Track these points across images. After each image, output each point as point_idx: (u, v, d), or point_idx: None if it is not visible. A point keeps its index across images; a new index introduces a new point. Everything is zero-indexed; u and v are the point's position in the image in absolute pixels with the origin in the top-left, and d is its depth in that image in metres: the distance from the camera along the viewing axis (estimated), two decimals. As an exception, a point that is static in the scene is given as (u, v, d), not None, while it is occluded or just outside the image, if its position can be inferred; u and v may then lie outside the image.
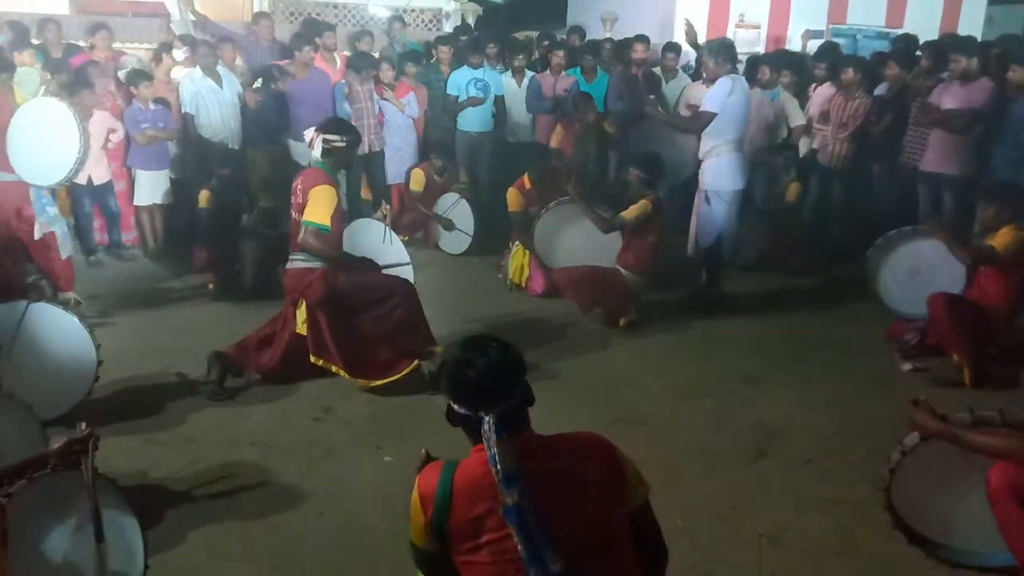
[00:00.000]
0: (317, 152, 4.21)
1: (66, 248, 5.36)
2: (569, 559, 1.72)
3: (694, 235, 5.77)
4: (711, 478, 3.61)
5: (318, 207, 4.07)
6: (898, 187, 6.73)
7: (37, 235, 5.09)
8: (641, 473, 1.93)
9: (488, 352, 1.86)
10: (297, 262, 4.25)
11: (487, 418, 1.78)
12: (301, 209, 4.14)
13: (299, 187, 4.20)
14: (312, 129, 4.26)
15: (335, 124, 4.39)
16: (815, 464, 3.75)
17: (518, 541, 1.72)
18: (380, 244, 4.85)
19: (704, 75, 6.26)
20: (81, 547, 2.33)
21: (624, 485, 1.86)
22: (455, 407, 1.86)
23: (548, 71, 7.66)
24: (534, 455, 1.80)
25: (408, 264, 4.97)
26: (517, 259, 6.13)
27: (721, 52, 5.55)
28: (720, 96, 5.40)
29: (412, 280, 4.83)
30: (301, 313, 4.33)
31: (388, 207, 5.11)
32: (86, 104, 5.93)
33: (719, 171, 5.58)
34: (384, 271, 4.51)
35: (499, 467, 1.73)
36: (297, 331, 4.35)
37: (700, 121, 5.53)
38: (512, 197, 6.42)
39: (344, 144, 4.23)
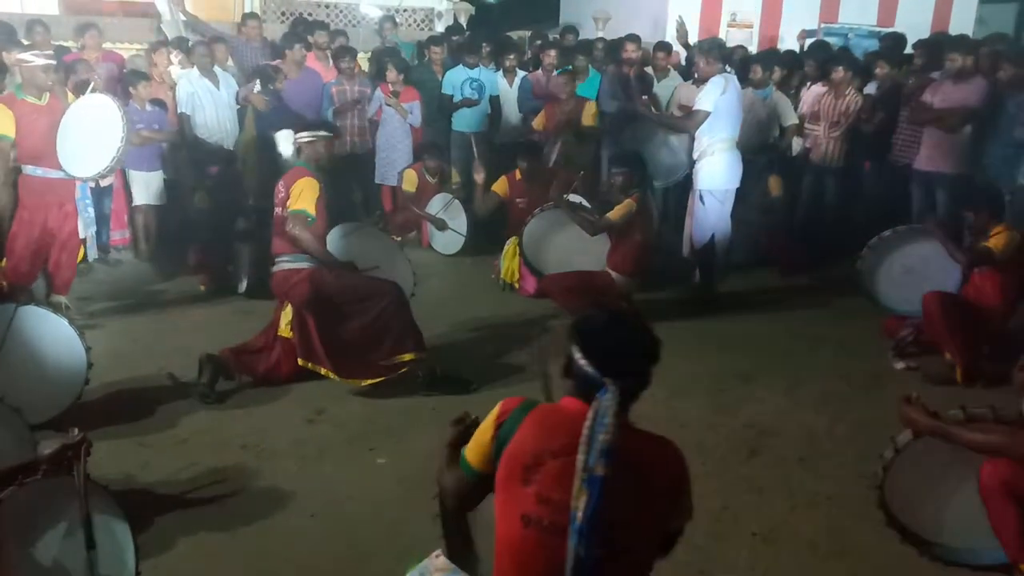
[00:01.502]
0: (290, 149, 4.39)
1: (92, 251, 5.38)
2: (604, 549, 1.70)
3: (689, 235, 5.77)
4: (704, 476, 3.60)
5: (303, 196, 4.14)
6: (890, 185, 6.74)
7: (83, 233, 5.27)
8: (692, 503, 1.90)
9: (639, 326, 1.87)
10: (283, 263, 4.24)
11: (612, 387, 1.74)
12: (284, 204, 4.20)
13: (281, 186, 4.28)
14: (288, 132, 4.36)
15: (308, 124, 4.51)
16: (808, 462, 3.75)
17: (582, 509, 1.67)
18: (371, 246, 4.87)
19: (696, 75, 6.27)
20: (72, 553, 2.31)
21: (678, 505, 1.86)
22: (583, 362, 1.80)
23: (540, 70, 7.65)
24: (623, 439, 1.76)
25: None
26: (508, 259, 6.13)
27: (712, 51, 5.56)
28: (714, 95, 5.41)
29: (413, 280, 4.89)
30: (286, 315, 4.32)
31: (378, 215, 5.22)
32: None
33: (714, 170, 5.58)
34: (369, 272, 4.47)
35: (609, 437, 1.69)
36: (280, 333, 4.33)
37: (695, 120, 5.53)
38: (500, 184, 6.47)
39: (315, 139, 4.30)
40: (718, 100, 5.39)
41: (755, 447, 3.88)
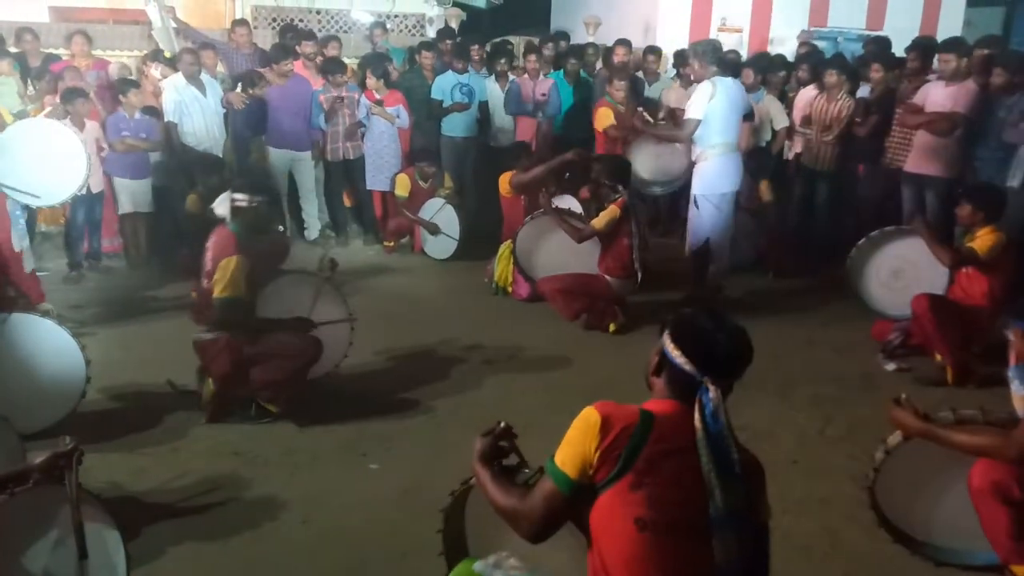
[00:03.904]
0: (226, 211, 4.03)
1: (30, 262, 5.26)
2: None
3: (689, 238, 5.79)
4: (698, 480, 3.61)
5: (231, 281, 3.82)
6: (883, 189, 6.76)
7: (17, 247, 5.07)
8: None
9: (737, 327, 1.91)
10: (202, 335, 4.00)
11: (712, 386, 1.81)
12: (210, 275, 3.90)
13: (209, 251, 3.95)
14: (225, 193, 4.08)
15: (247, 184, 4.21)
16: (800, 464, 3.76)
17: (722, 505, 1.73)
18: (309, 301, 4.35)
19: (692, 77, 6.26)
20: (62, 562, 2.31)
21: (763, 498, 1.89)
22: (681, 360, 1.85)
23: (527, 75, 7.66)
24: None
25: (349, 321, 4.42)
26: (502, 263, 6.13)
27: (705, 55, 5.54)
28: (702, 102, 5.40)
29: (349, 339, 4.41)
30: (208, 385, 4.07)
31: (330, 261, 4.46)
32: (80, 113, 5.89)
33: (706, 174, 5.59)
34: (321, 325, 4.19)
35: (733, 438, 1.79)
36: (206, 401, 4.09)
37: (686, 130, 5.54)
38: (504, 182, 6.49)
39: (251, 206, 4.00)
40: (707, 107, 5.38)
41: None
